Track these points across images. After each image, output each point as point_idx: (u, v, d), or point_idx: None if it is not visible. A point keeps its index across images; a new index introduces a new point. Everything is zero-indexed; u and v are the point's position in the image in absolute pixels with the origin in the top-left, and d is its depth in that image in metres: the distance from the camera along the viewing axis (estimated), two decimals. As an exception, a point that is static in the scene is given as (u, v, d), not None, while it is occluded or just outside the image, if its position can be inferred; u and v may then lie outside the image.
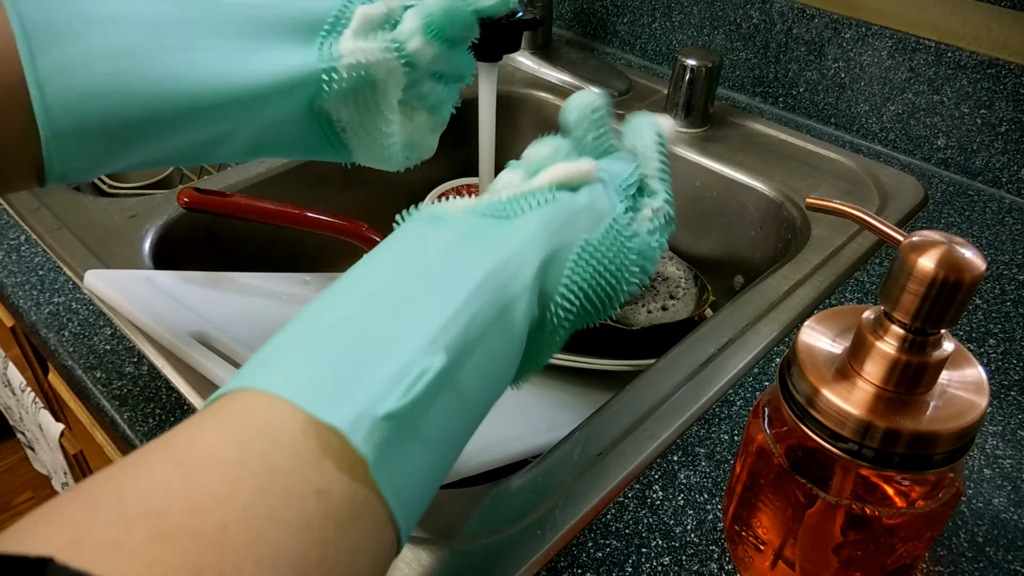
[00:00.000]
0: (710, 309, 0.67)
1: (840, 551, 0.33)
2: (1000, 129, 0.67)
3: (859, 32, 0.72)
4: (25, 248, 0.59)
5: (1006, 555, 0.39)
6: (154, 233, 0.62)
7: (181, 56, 0.34)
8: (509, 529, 0.39)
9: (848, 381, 0.30)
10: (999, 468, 0.43)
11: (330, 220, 0.63)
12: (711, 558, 0.38)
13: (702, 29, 0.83)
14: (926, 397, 0.29)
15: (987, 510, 0.41)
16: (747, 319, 0.53)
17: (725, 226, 0.74)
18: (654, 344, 0.62)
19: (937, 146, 0.71)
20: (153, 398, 0.47)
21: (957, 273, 0.26)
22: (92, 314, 0.53)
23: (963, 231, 0.64)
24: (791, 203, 0.68)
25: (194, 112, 0.35)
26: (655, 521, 0.40)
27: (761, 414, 0.34)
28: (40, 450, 0.97)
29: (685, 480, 0.42)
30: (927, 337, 0.28)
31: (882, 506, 0.32)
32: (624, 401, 0.47)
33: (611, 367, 0.59)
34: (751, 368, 0.50)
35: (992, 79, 0.66)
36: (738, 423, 0.46)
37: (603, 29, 0.93)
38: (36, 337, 0.53)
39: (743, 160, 0.73)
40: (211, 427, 0.22)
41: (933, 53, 0.68)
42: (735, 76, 0.83)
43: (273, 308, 0.57)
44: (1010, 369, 0.50)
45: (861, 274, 0.58)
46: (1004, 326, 0.54)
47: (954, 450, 0.29)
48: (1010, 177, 0.68)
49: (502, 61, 0.67)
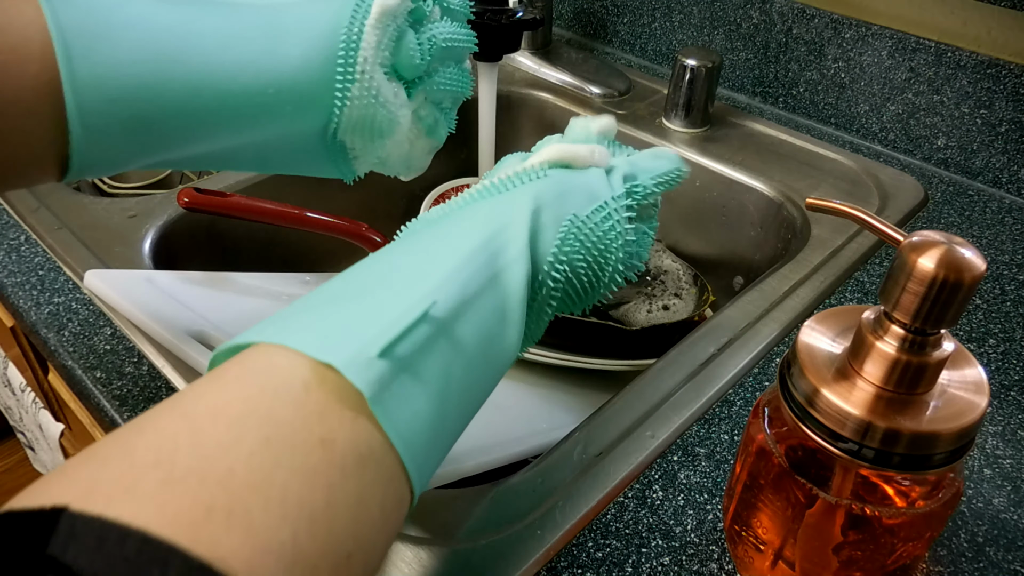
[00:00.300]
0: (710, 309, 0.67)
1: (840, 551, 0.33)
2: (1000, 129, 0.67)
3: (859, 32, 0.72)
4: (25, 248, 0.59)
5: (1006, 555, 0.39)
6: (154, 233, 0.62)
7: (206, 59, 0.34)
8: (509, 529, 0.39)
9: (848, 381, 0.30)
10: (999, 468, 0.43)
11: (330, 220, 0.63)
12: (711, 558, 0.38)
13: (702, 29, 0.83)
14: (926, 397, 0.29)
15: (987, 510, 0.41)
16: (747, 319, 0.53)
17: (725, 226, 0.74)
18: (654, 344, 0.62)
19: (937, 146, 0.71)
20: (153, 398, 0.47)
21: (957, 273, 0.26)
22: (92, 314, 0.53)
23: (963, 231, 0.64)
24: (791, 203, 0.68)
25: (218, 115, 0.35)
26: (655, 521, 0.40)
27: (761, 414, 0.34)
28: (40, 450, 0.97)
29: (685, 480, 0.42)
30: (927, 337, 0.28)
31: (882, 506, 0.32)
32: (624, 401, 0.47)
33: (611, 367, 0.59)
34: (751, 368, 0.50)
35: (992, 79, 0.66)
36: (738, 423, 0.46)
37: (603, 29, 0.93)
38: (36, 337, 0.53)
39: (743, 160, 0.73)
40: (216, 385, 0.23)
41: (933, 53, 0.68)
42: (735, 76, 0.83)
43: (273, 308, 0.57)
44: (1010, 369, 0.50)
45: (861, 274, 0.58)
46: (1004, 326, 0.54)
47: (954, 450, 0.29)
48: (1010, 177, 0.68)
49: (502, 61, 0.67)
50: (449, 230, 0.31)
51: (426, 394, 0.26)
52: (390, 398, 0.24)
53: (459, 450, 0.42)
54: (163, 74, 0.33)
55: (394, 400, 0.24)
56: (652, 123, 0.78)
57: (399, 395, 0.24)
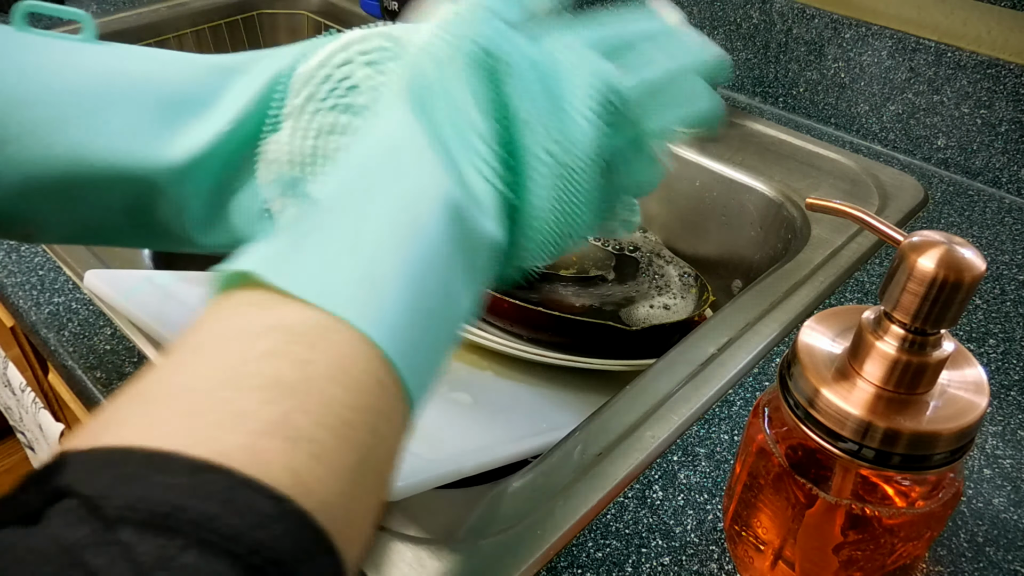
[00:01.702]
0: (710, 309, 0.67)
1: (840, 551, 0.33)
2: (1000, 129, 0.67)
3: (859, 32, 0.72)
4: (25, 248, 0.59)
5: (1006, 555, 0.39)
6: (154, 233, 0.62)
7: (83, 131, 0.32)
8: (509, 529, 0.39)
9: (848, 381, 0.30)
10: (999, 468, 0.43)
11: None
12: (711, 558, 0.38)
13: (702, 29, 0.83)
14: (926, 397, 0.29)
15: (987, 510, 0.41)
16: (747, 319, 0.53)
17: (725, 226, 0.74)
18: (654, 344, 0.62)
19: (937, 146, 0.71)
20: (153, 398, 0.47)
21: (957, 273, 0.26)
22: (92, 314, 0.53)
23: (963, 231, 0.64)
24: (791, 203, 0.68)
25: (100, 187, 0.33)
26: (655, 521, 0.40)
27: (761, 414, 0.34)
28: (40, 450, 0.97)
29: (685, 480, 0.42)
30: (927, 337, 0.28)
31: (882, 506, 0.32)
32: (624, 401, 0.47)
33: (611, 367, 0.59)
34: (751, 368, 0.50)
35: (992, 79, 0.66)
36: (738, 423, 0.46)
37: (603, 29, 0.93)
38: (36, 337, 0.53)
39: (743, 160, 0.73)
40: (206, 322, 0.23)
41: (933, 53, 0.68)
42: (735, 76, 0.83)
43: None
44: (1010, 369, 0.50)
45: (861, 274, 0.58)
46: (1004, 326, 0.54)
47: (954, 450, 0.29)
48: (1010, 177, 0.68)
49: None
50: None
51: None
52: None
53: (459, 450, 0.42)
54: (40, 147, 0.31)
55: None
56: (652, 123, 0.78)
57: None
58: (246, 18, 1.06)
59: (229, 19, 1.04)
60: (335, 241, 0.25)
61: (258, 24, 1.08)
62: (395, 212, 0.26)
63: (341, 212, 0.26)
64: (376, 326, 0.23)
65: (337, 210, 0.26)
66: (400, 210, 0.26)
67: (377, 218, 0.25)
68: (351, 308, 0.23)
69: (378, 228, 0.25)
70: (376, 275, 0.24)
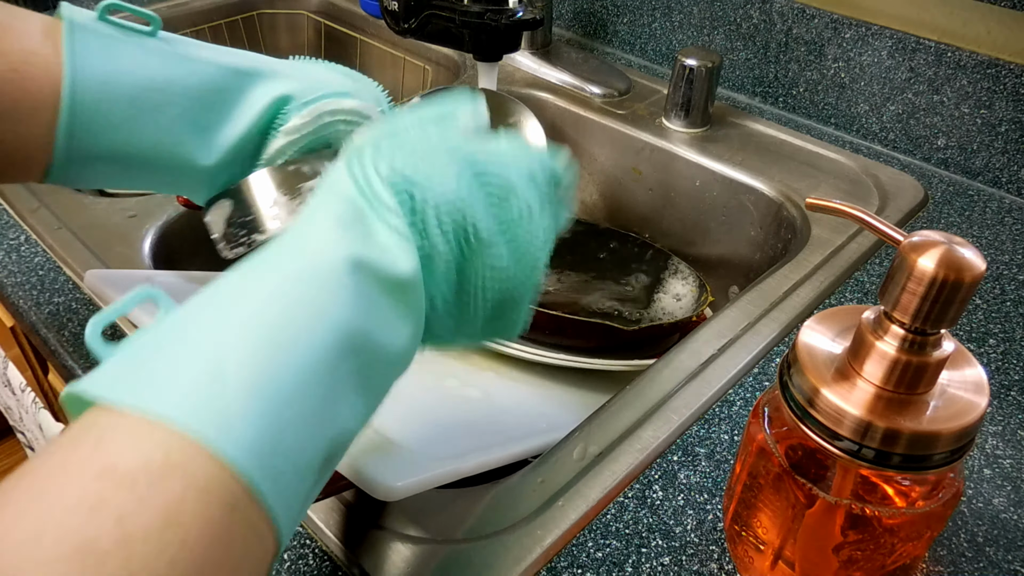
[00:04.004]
0: (710, 309, 0.67)
1: (840, 551, 0.33)
2: (1000, 129, 0.67)
3: (859, 32, 0.72)
4: (25, 248, 0.59)
5: (1006, 555, 0.39)
6: (154, 233, 0.62)
7: (143, 127, 0.38)
8: (509, 529, 0.39)
9: (848, 381, 0.30)
10: (999, 468, 0.43)
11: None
12: (711, 558, 0.39)
13: (702, 29, 0.83)
14: (926, 397, 0.29)
15: (987, 510, 0.41)
16: (747, 319, 0.53)
17: (725, 226, 0.74)
18: (654, 344, 0.62)
19: (937, 146, 0.71)
20: (153, 398, 0.47)
21: (957, 273, 0.26)
22: (92, 314, 0.53)
23: (963, 231, 0.64)
24: (791, 203, 0.68)
25: (181, 169, 0.40)
26: (655, 521, 0.40)
27: (761, 414, 0.34)
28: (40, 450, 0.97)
29: (685, 480, 0.42)
30: (927, 337, 0.28)
31: (882, 506, 0.32)
32: (624, 401, 0.47)
33: (611, 367, 0.59)
34: (751, 368, 0.50)
35: (992, 79, 0.66)
36: (738, 423, 0.46)
37: (603, 29, 0.93)
38: (36, 337, 0.53)
39: (743, 160, 0.73)
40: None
41: (933, 53, 0.68)
42: (735, 76, 0.83)
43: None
44: (1010, 369, 0.50)
45: (861, 274, 0.58)
46: (1004, 326, 0.54)
47: (954, 450, 0.29)
48: (1010, 177, 0.68)
49: (502, 61, 0.67)
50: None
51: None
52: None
53: (459, 450, 0.42)
54: (141, 125, 0.38)
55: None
56: (652, 123, 0.78)
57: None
58: (246, 18, 1.06)
59: (229, 19, 1.04)
60: (187, 347, 0.23)
61: (258, 24, 1.08)
62: (260, 304, 0.24)
63: (197, 315, 0.24)
64: (224, 435, 0.21)
65: (193, 315, 0.24)
66: (267, 301, 0.24)
67: (237, 318, 0.24)
68: (193, 418, 0.21)
69: (236, 330, 0.23)
70: (224, 378, 0.22)
